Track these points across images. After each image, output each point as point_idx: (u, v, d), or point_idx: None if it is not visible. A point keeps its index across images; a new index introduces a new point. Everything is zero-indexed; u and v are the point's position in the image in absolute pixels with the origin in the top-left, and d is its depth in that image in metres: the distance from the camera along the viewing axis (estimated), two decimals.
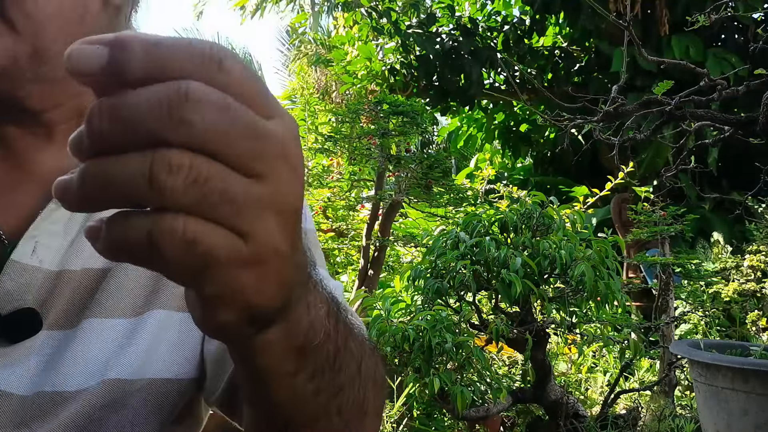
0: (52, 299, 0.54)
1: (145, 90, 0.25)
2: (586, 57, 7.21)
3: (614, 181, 4.28)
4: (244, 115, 0.26)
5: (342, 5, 7.25)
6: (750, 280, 4.10)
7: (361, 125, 3.87)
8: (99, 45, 0.25)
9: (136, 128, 0.24)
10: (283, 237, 0.28)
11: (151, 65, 0.25)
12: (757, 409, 1.91)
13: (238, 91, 0.26)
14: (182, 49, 0.26)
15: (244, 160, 0.26)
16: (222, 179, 0.25)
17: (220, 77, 0.26)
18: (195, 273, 0.27)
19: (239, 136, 0.26)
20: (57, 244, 0.56)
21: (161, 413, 0.56)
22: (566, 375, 3.48)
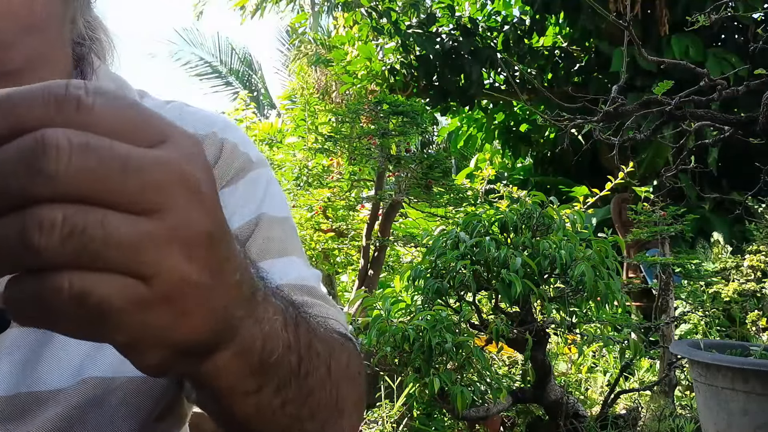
0: None
1: (3, 148, 0.24)
2: (586, 57, 7.21)
3: (614, 181, 4.28)
4: (114, 150, 0.24)
5: (342, 5, 7.25)
6: (750, 280, 4.10)
7: (361, 125, 3.87)
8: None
9: (0, 190, 0.23)
10: (194, 267, 0.27)
11: (4, 120, 0.24)
12: (757, 409, 1.90)
13: (107, 126, 0.25)
14: (35, 97, 0.24)
15: (126, 197, 0.24)
16: (101, 225, 0.24)
17: (80, 117, 0.24)
18: (97, 326, 0.26)
19: (113, 174, 0.24)
20: None
21: (141, 411, 0.55)
22: (566, 375, 3.48)
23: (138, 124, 0.26)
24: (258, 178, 0.66)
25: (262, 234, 0.61)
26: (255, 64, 14.13)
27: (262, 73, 14.61)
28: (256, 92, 13.53)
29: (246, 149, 0.67)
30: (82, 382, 0.53)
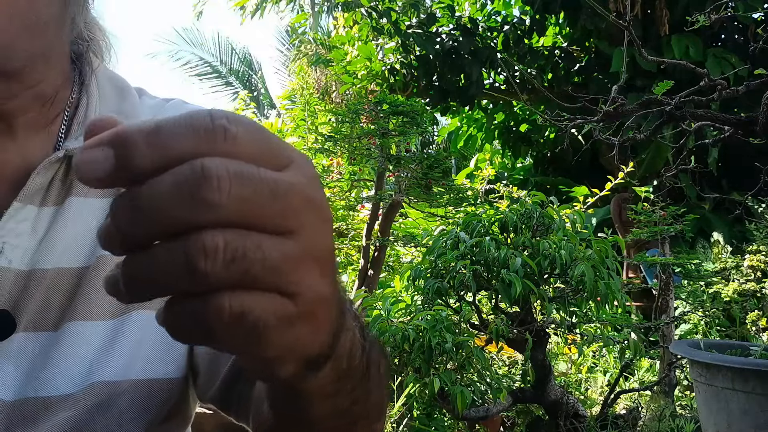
0: (24, 300, 0.53)
1: (160, 179, 0.25)
2: (586, 57, 7.21)
3: (614, 181, 4.28)
4: (263, 176, 0.26)
5: (342, 5, 7.25)
6: (750, 280, 4.10)
7: (361, 125, 3.87)
8: (102, 147, 0.25)
9: (161, 219, 0.24)
10: (326, 282, 0.29)
11: (157, 154, 0.25)
12: (757, 409, 1.90)
13: (249, 152, 0.26)
14: (184, 129, 0.25)
15: (274, 221, 0.26)
16: (258, 248, 0.25)
17: (227, 146, 0.26)
18: (250, 342, 0.27)
19: (264, 199, 0.25)
20: (25, 244, 0.55)
21: (148, 413, 0.56)
22: (566, 375, 3.48)
23: (272, 150, 0.27)
24: None
25: None
26: (255, 64, 14.13)
27: (262, 73, 14.61)
28: (256, 92, 13.53)
29: None
30: (89, 387, 0.53)
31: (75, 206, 0.58)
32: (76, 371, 0.53)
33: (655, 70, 5.53)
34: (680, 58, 4.79)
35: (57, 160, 0.57)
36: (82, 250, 0.57)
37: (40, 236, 0.56)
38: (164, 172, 0.25)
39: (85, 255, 0.57)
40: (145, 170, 0.25)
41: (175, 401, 0.59)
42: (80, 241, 0.57)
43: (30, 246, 0.55)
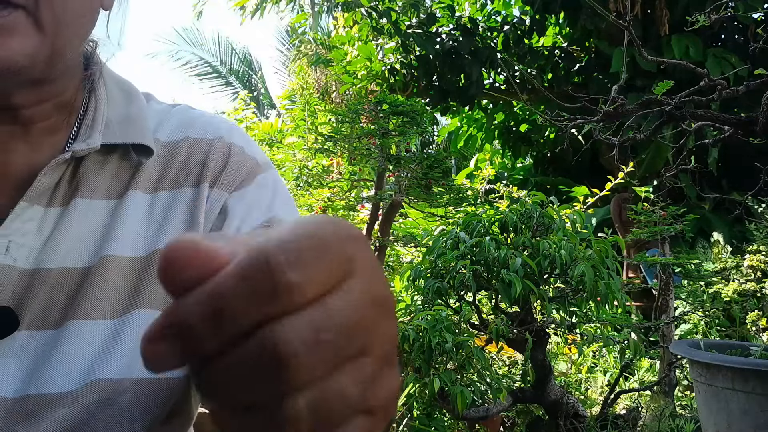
0: (28, 298, 0.54)
1: (233, 352, 0.23)
2: (586, 57, 7.22)
3: (614, 181, 4.28)
4: (336, 330, 0.24)
5: (342, 5, 7.25)
6: (750, 280, 4.10)
7: (361, 125, 3.87)
8: (165, 342, 0.24)
9: (241, 395, 0.23)
10: (394, 374, 0.28)
11: (223, 334, 0.23)
12: (757, 409, 1.90)
13: (314, 292, 0.24)
14: (244, 298, 0.23)
15: (348, 352, 0.24)
16: (341, 395, 0.24)
17: (293, 299, 0.23)
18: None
19: (338, 351, 0.24)
20: (31, 243, 0.55)
21: (150, 412, 0.56)
22: (566, 375, 3.48)
23: (332, 271, 0.25)
24: (265, 182, 0.67)
25: None
26: (255, 64, 14.13)
27: (262, 73, 14.61)
28: (256, 92, 13.53)
29: (252, 153, 0.68)
30: (91, 385, 0.53)
31: (80, 207, 0.58)
32: (77, 369, 0.53)
33: (655, 70, 5.53)
34: (680, 58, 4.79)
35: (64, 161, 0.58)
36: (86, 250, 0.57)
37: (46, 236, 0.56)
38: (233, 347, 0.23)
39: (89, 255, 0.57)
40: (214, 352, 0.23)
41: (177, 401, 0.59)
42: (84, 241, 0.57)
43: (35, 245, 0.55)
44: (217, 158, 0.65)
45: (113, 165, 0.62)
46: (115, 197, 0.61)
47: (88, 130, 0.60)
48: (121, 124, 0.62)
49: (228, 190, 0.64)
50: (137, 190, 0.61)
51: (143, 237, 0.60)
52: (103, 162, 0.61)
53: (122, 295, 0.57)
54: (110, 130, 0.61)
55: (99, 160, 0.61)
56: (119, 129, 0.61)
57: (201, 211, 0.62)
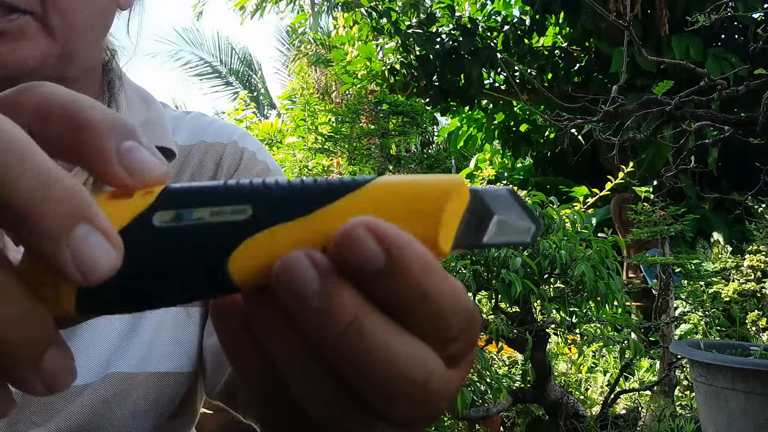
0: None
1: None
2: (586, 57, 7.22)
3: (614, 181, 4.28)
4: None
5: (342, 5, 7.25)
6: (750, 280, 4.10)
7: (361, 125, 3.88)
8: (381, 245, 0.21)
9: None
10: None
11: (402, 297, 0.21)
12: (757, 409, 1.91)
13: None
14: (442, 297, 0.22)
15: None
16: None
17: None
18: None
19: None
20: None
21: (160, 406, 0.57)
22: (566, 375, 3.48)
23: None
24: None
25: None
26: (255, 64, 14.13)
27: (262, 73, 14.61)
28: (256, 92, 13.53)
29: (263, 158, 0.71)
30: (107, 377, 0.54)
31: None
32: (94, 362, 0.54)
33: (655, 70, 5.54)
34: (680, 58, 4.79)
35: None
36: None
37: None
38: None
39: None
40: (394, 298, 0.21)
41: (185, 396, 0.60)
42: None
43: None
44: (230, 161, 0.67)
45: None
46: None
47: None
48: (143, 128, 0.63)
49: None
50: None
51: None
52: None
53: None
54: None
55: None
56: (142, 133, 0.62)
57: None
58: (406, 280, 0.21)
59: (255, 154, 0.70)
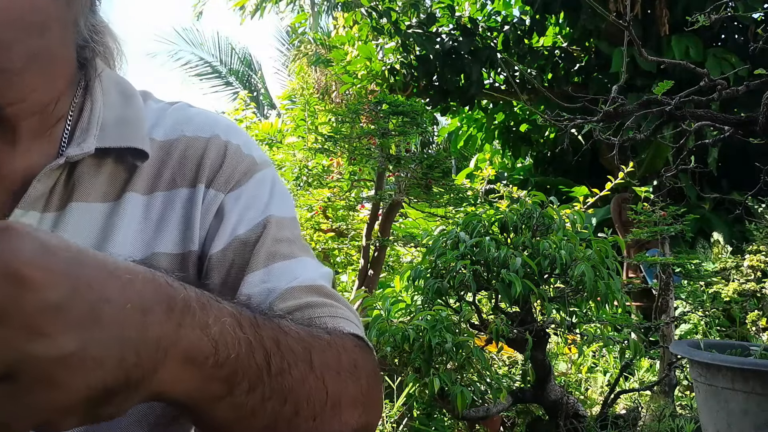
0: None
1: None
2: (586, 57, 7.21)
3: (614, 181, 4.28)
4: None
5: (342, 5, 7.25)
6: (750, 280, 4.09)
7: (361, 125, 3.87)
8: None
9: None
10: (51, 343, 0.30)
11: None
12: (757, 409, 1.90)
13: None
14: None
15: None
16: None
17: None
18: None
19: None
20: None
21: (150, 416, 0.56)
22: (566, 375, 3.48)
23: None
24: (263, 179, 0.66)
25: (271, 236, 0.62)
26: (255, 64, 14.13)
27: (262, 73, 14.61)
28: (256, 92, 13.53)
29: (249, 151, 0.67)
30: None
31: (77, 211, 0.58)
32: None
33: (655, 70, 5.53)
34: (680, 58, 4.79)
35: (58, 167, 0.57)
36: None
37: None
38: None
39: None
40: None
41: None
42: (81, 243, 0.56)
43: None
44: (213, 157, 0.64)
45: (109, 168, 0.61)
46: (112, 199, 0.60)
47: (83, 134, 0.60)
48: (117, 127, 0.61)
49: (224, 190, 0.63)
50: (134, 192, 0.61)
51: (140, 239, 0.60)
52: (98, 165, 0.61)
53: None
54: (105, 134, 0.60)
55: (94, 163, 0.60)
56: (115, 132, 0.61)
57: (197, 212, 0.61)
58: None
59: (240, 147, 0.67)
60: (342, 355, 0.52)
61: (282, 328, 0.46)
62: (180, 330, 0.36)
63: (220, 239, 0.61)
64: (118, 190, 0.61)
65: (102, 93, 0.64)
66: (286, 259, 0.61)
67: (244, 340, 0.40)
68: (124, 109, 0.64)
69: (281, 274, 0.60)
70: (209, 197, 0.63)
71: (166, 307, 0.35)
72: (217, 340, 0.38)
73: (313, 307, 0.58)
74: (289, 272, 0.60)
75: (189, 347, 0.36)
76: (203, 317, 0.37)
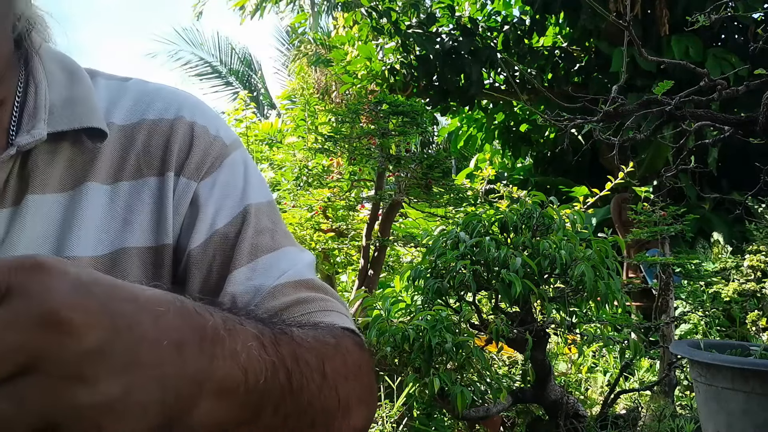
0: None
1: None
2: (586, 57, 7.21)
3: (614, 181, 4.27)
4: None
5: (342, 5, 7.25)
6: (750, 280, 4.10)
7: (361, 125, 3.87)
8: None
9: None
10: (90, 391, 0.29)
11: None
12: (757, 409, 1.90)
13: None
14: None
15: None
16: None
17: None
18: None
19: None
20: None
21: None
22: (566, 375, 3.48)
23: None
24: (234, 162, 0.63)
25: (252, 227, 0.59)
26: (255, 64, 14.13)
27: (262, 73, 14.61)
28: (256, 92, 13.53)
29: (217, 132, 0.63)
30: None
31: (33, 204, 0.54)
32: None
33: (655, 70, 5.53)
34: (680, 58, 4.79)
35: (9, 158, 0.53)
36: (44, 251, 0.53)
37: (0, 240, 0.52)
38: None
39: (48, 253, 0.53)
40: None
41: None
42: (42, 241, 0.53)
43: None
44: (180, 142, 0.60)
45: (65, 154, 0.56)
46: (69, 188, 0.56)
47: (31, 119, 0.54)
48: (66, 108, 0.56)
49: (195, 178, 0.59)
50: (94, 182, 0.56)
51: (105, 233, 0.55)
52: (53, 151, 0.56)
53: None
54: (55, 117, 0.55)
55: (48, 149, 0.55)
56: (65, 114, 0.56)
57: (168, 203, 0.58)
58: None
59: (207, 128, 0.62)
60: (347, 357, 0.51)
61: (296, 341, 0.45)
62: (213, 362, 0.35)
63: (199, 233, 0.58)
64: (76, 178, 0.56)
65: (45, 72, 0.58)
66: (269, 252, 0.59)
67: (269, 363, 0.39)
68: (72, 88, 0.58)
69: (267, 269, 0.58)
70: (181, 186, 0.58)
71: (198, 338, 0.34)
72: (246, 367, 0.37)
73: (304, 303, 0.56)
74: (275, 267, 0.58)
75: (222, 379, 0.35)
76: (232, 344, 0.36)
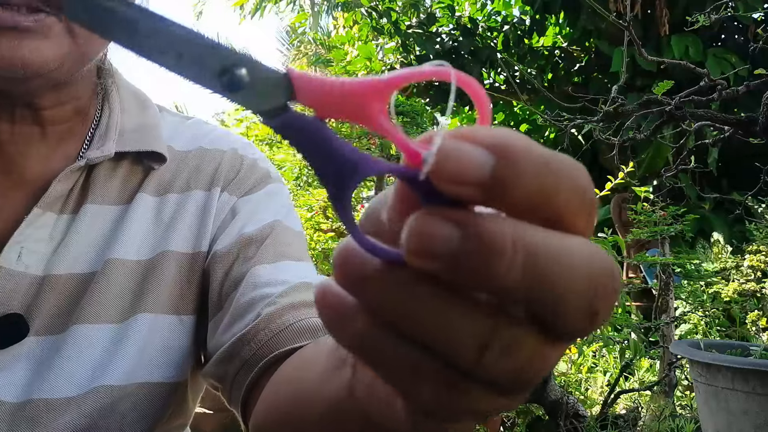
0: (37, 304, 0.54)
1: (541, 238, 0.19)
2: (586, 57, 7.22)
3: (614, 181, 4.27)
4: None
5: (342, 5, 7.26)
6: (750, 280, 4.10)
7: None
8: (481, 147, 0.21)
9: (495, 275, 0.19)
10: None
11: (536, 193, 0.20)
12: (757, 409, 1.90)
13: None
14: (568, 181, 0.20)
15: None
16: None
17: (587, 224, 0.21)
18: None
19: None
20: (42, 249, 0.56)
21: (151, 417, 0.56)
22: (566, 375, 3.48)
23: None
24: (277, 192, 0.68)
25: (281, 239, 0.62)
26: None
27: None
28: None
29: (265, 165, 0.70)
30: (93, 391, 0.53)
31: (90, 213, 0.59)
32: (80, 375, 0.53)
33: (655, 70, 5.54)
34: (680, 58, 4.79)
35: (78, 169, 0.59)
36: (92, 255, 0.58)
37: (57, 243, 0.57)
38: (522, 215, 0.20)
39: (95, 260, 0.58)
40: (512, 204, 0.20)
41: (176, 404, 0.59)
42: (92, 246, 0.58)
43: (46, 252, 0.56)
44: (229, 167, 0.67)
45: (124, 171, 0.63)
46: (124, 202, 0.61)
47: (102, 138, 0.61)
48: (136, 133, 0.63)
49: (237, 195, 0.65)
50: (145, 194, 0.62)
51: (149, 239, 0.60)
52: (114, 168, 0.62)
53: (126, 298, 0.57)
54: (124, 138, 0.62)
55: (110, 166, 0.62)
56: (133, 137, 0.63)
57: (211, 214, 0.63)
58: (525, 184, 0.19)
59: (257, 161, 0.70)
60: None
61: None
62: None
63: (228, 237, 0.61)
64: (131, 192, 0.62)
65: (119, 100, 0.65)
66: (293, 260, 0.61)
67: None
68: (142, 115, 0.66)
69: (289, 270, 0.59)
70: (223, 200, 0.64)
71: None
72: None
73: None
74: (298, 270, 0.60)
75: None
76: None
